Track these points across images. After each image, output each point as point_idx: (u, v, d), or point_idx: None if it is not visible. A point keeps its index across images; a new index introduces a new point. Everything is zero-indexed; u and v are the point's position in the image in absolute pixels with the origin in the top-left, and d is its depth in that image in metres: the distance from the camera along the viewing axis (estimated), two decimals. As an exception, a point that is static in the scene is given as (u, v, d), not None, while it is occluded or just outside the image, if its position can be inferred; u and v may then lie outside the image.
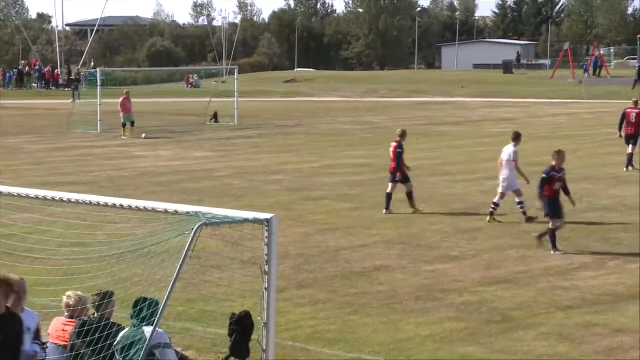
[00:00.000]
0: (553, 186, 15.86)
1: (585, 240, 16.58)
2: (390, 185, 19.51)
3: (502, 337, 11.36)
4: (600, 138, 34.72)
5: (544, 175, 15.92)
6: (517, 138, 18.77)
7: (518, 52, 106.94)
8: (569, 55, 78.74)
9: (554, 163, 16.07)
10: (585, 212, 19.17)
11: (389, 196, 19.40)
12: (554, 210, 15.75)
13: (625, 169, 25.55)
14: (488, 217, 18.42)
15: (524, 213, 18.31)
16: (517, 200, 18.51)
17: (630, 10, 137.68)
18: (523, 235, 17.00)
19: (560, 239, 15.83)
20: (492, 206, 18.46)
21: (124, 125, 37.08)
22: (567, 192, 16.17)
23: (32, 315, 8.41)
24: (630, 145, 25.91)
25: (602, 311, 12.32)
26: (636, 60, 79.76)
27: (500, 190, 18.59)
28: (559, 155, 16.11)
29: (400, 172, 19.37)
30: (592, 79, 75.99)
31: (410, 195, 19.48)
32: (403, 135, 19.82)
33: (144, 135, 36.17)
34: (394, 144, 19.57)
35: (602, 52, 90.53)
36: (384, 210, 19.30)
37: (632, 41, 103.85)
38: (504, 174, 18.55)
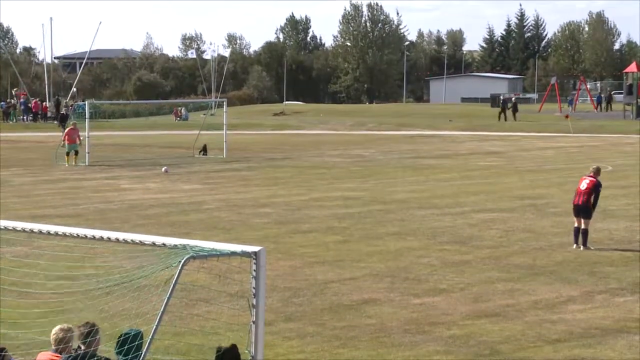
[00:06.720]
0: None
1: (573, 274, 16.61)
2: (577, 220, 19.55)
3: (490, 370, 11.33)
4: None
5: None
6: None
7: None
8: (555, 89, 79.32)
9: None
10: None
11: (578, 231, 19.43)
12: None
13: None
14: None
15: None
16: None
17: (616, 46, 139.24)
18: (511, 269, 17.03)
19: (547, 272, 15.76)
20: None
21: (67, 154, 38.55)
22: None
23: None
24: None
25: (590, 345, 12.32)
26: (622, 95, 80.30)
27: None
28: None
29: (593, 209, 19.61)
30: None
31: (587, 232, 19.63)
32: (599, 171, 20.09)
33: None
34: (590, 180, 19.71)
35: (588, 86, 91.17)
36: (581, 247, 19.06)
37: (618, 76, 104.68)
38: None
